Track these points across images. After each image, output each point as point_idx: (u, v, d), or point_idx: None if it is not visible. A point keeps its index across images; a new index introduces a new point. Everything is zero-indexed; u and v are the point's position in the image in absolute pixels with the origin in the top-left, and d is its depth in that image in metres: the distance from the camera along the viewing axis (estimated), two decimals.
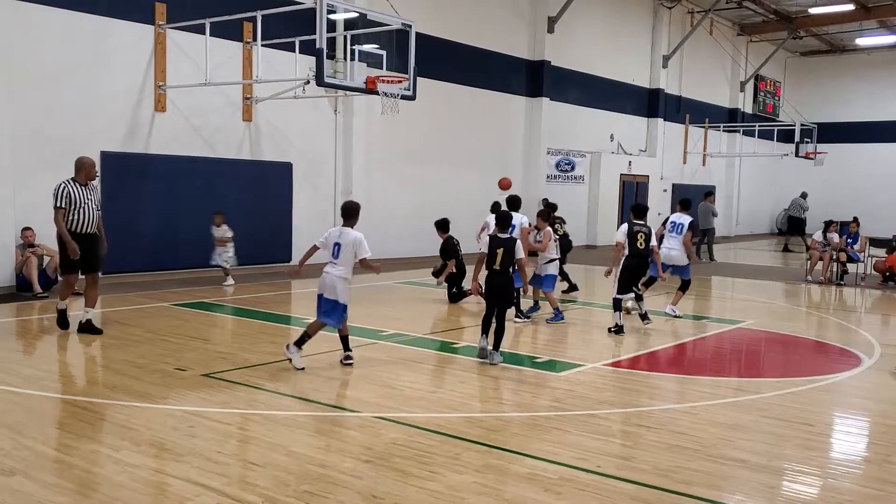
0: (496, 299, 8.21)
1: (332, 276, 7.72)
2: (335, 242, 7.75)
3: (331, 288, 7.75)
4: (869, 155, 35.89)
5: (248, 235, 15.45)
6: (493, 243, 8.26)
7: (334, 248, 7.75)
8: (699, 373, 8.38)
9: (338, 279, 7.72)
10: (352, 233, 7.70)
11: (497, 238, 8.30)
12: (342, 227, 7.79)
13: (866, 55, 35.84)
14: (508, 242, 8.22)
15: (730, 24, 32.20)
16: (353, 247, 7.63)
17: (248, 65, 15.21)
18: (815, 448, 5.81)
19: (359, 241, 7.63)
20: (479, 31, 20.82)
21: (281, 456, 5.25)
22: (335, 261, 7.75)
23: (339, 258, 7.71)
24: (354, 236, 7.65)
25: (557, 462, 5.26)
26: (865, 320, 12.78)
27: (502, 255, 8.14)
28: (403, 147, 18.87)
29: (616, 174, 26.39)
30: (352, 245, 7.63)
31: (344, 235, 7.70)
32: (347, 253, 7.65)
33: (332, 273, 7.75)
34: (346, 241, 7.66)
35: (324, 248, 7.84)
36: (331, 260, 7.78)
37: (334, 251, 7.74)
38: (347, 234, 7.69)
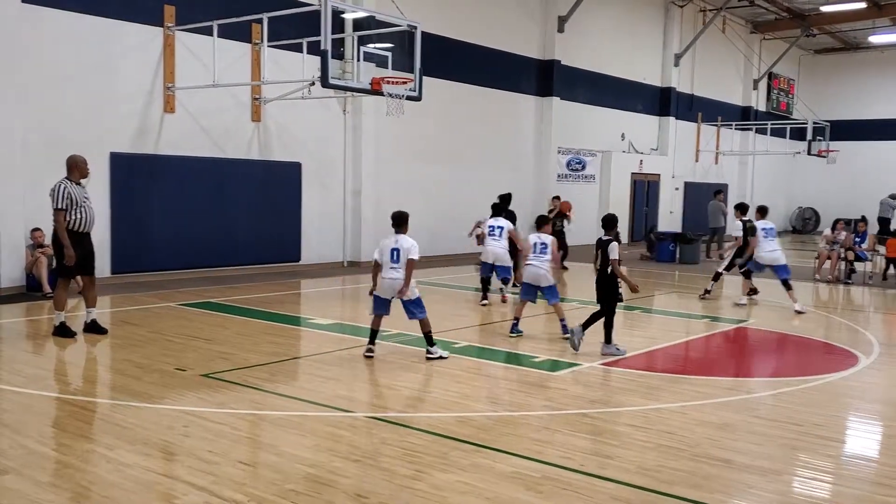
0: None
1: (397, 280, 8.26)
2: (392, 248, 8.32)
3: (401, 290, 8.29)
4: (881, 153, 35.62)
5: (257, 235, 15.65)
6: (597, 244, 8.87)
7: (392, 253, 8.31)
8: (694, 372, 8.42)
9: (403, 280, 8.26)
10: (408, 239, 8.35)
11: (600, 239, 8.83)
12: (395, 235, 8.39)
13: (880, 53, 35.57)
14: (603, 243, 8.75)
15: (742, 22, 32.05)
16: (408, 251, 8.26)
17: (257, 66, 15.36)
18: (801, 448, 5.85)
19: (415, 246, 8.30)
20: (490, 31, 20.89)
21: (271, 455, 5.37)
22: (396, 265, 8.30)
23: (398, 262, 8.29)
24: (411, 243, 8.31)
25: (543, 461, 5.34)
26: (869, 320, 12.75)
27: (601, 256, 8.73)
28: (413, 146, 18.98)
29: (627, 173, 26.38)
30: (409, 250, 8.26)
31: (400, 241, 8.33)
32: (405, 256, 8.26)
33: (397, 277, 8.27)
34: (403, 246, 8.29)
35: (380, 258, 8.38)
36: (391, 265, 8.31)
37: (393, 256, 8.31)
38: (405, 240, 8.33)
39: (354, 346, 9.10)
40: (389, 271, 8.31)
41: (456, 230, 19.83)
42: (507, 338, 9.72)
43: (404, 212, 8.65)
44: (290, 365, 8.31)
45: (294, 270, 16.13)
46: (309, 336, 10.04)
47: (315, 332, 10.10)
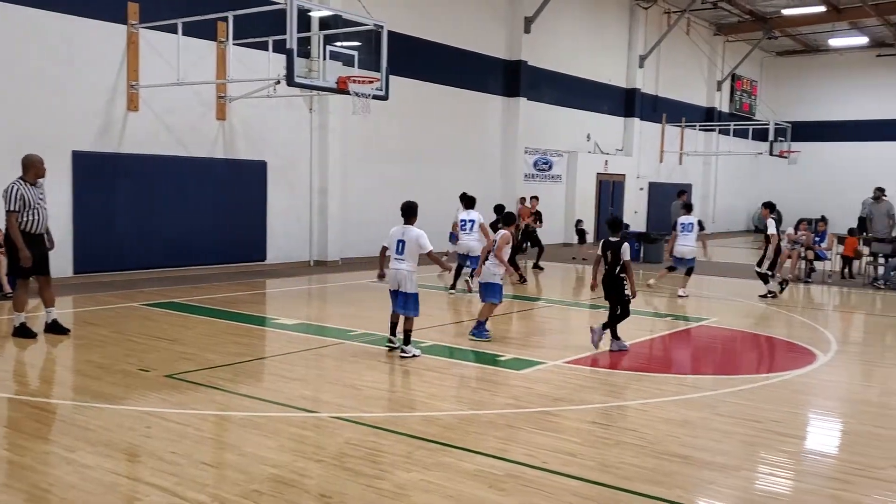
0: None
1: (401, 272, 8.41)
2: (398, 240, 8.48)
3: (402, 282, 8.43)
4: (841, 153, 36.38)
5: (222, 235, 15.54)
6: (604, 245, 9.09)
7: (398, 244, 8.46)
8: (656, 370, 8.54)
9: (406, 272, 8.42)
10: (414, 230, 8.46)
11: (607, 241, 9.08)
12: (403, 226, 8.53)
13: (839, 55, 36.31)
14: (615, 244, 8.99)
15: (706, 24, 32.50)
16: (416, 242, 8.38)
17: (222, 64, 15.25)
18: (759, 444, 5.97)
19: (421, 236, 8.39)
20: (457, 31, 20.95)
21: (234, 456, 5.36)
22: (400, 256, 8.45)
23: (403, 253, 8.44)
24: (417, 233, 8.41)
25: (506, 459, 5.39)
26: (828, 318, 13.01)
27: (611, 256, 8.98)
28: (381, 145, 18.97)
29: (593, 173, 26.63)
30: (415, 240, 8.38)
31: (407, 232, 8.46)
32: (412, 248, 8.39)
33: (401, 268, 8.43)
34: (409, 237, 8.41)
35: (390, 247, 8.55)
36: (396, 256, 8.48)
37: (398, 247, 8.46)
38: (410, 231, 8.45)
39: (320, 347, 9.09)
40: (395, 262, 8.49)
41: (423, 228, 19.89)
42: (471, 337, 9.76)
43: (413, 202, 8.69)
44: (254, 365, 8.28)
45: (259, 270, 16.05)
46: (274, 336, 10.00)
47: (280, 332, 10.06)
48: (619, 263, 8.97)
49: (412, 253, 8.43)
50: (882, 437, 6.23)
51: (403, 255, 8.44)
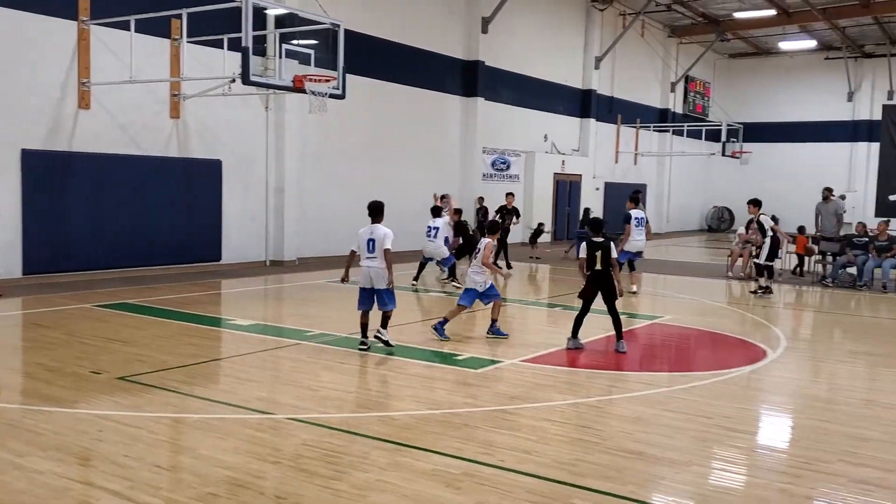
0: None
1: (374, 269, 8.66)
2: (368, 239, 8.73)
3: (376, 279, 8.69)
4: (791, 154, 37.18)
5: (176, 235, 15.34)
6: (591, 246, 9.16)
7: (368, 243, 8.72)
8: (611, 368, 8.66)
9: (379, 269, 8.66)
10: (382, 228, 8.74)
11: (593, 242, 9.16)
12: (371, 225, 8.78)
13: (789, 58, 37.12)
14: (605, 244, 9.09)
15: (660, 27, 32.96)
16: (382, 240, 8.66)
17: (176, 62, 15.04)
18: (709, 440, 6.09)
19: (388, 235, 8.70)
20: (414, 31, 20.95)
21: (188, 458, 5.31)
22: (371, 254, 8.70)
23: (374, 251, 8.69)
24: (384, 231, 8.70)
25: (462, 458, 5.43)
26: (778, 315, 13.30)
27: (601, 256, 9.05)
28: (338, 144, 18.88)
29: (550, 173, 26.83)
30: (381, 238, 8.67)
31: (375, 231, 8.72)
32: (380, 246, 8.66)
33: (375, 265, 8.68)
34: (377, 236, 8.68)
35: (358, 248, 8.84)
36: (368, 255, 8.73)
37: (369, 246, 8.71)
38: (378, 230, 8.72)
39: (276, 347, 9.04)
40: (366, 261, 8.73)
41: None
42: (430, 337, 9.79)
43: (379, 201, 8.94)
44: (209, 367, 8.20)
45: (214, 270, 15.88)
46: (229, 337, 9.90)
47: (235, 333, 9.96)
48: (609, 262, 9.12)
49: (381, 251, 8.65)
50: (829, 432, 6.39)
51: (375, 254, 8.67)
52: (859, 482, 5.23)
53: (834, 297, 15.16)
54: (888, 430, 6.47)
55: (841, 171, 36.33)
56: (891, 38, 33.60)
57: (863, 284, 15.88)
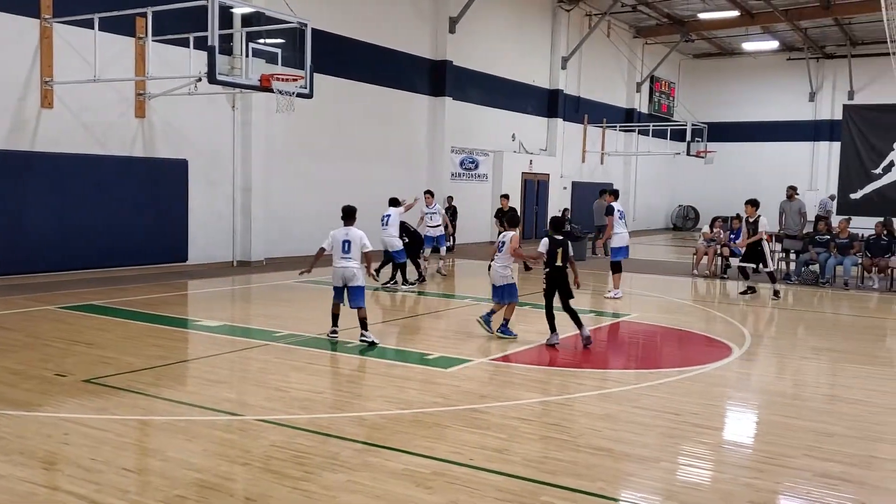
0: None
1: (349, 269, 9.14)
2: (343, 240, 9.17)
3: (351, 278, 9.17)
4: (755, 153, 37.72)
5: (142, 235, 15.15)
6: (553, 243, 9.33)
7: (344, 244, 9.16)
8: (579, 365, 8.72)
9: (355, 269, 9.17)
10: (356, 230, 9.23)
11: (555, 239, 9.36)
12: (346, 228, 9.25)
13: (753, 59, 37.64)
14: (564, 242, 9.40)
15: (626, 27, 33.25)
16: (360, 241, 9.16)
17: (141, 60, 14.86)
18: (677, 436, 6.17)
19: (364, 236, 9.20)
20: (382, 30, 20.91)
21: (156, 461, 5.26)
22: (347, 255, 9.15)
23: (350, 252, 9.15)
24: (360, 233, 9.20)
25: (432, 457, 5.44)
26: (743, 312, 13.49)
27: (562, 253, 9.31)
28: (305, 144, 18.79)
29: (518, 173, 26.93)
30: (359, 240, 9.16)
31: (351, 233, 9.20)
32: (356, 247, 9.15)
33: (350, 265, 9.15)
34: (353, 237, 9.16)
35: (330, 248, 9.25)
36: (342, 255, 9.15)
37: (344, 247, 9.15)
38: (353, 232, 9.21)
39: (244, 348, 8.98)
40: (341, 261, 9.16)
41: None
42: (398, 337, 9.80)
43: (352, 206, 9.42)
44: (176, 368, 8.11)
45: (181, 271, 15.71)
46: (197, 339, 9.81)
47: (203, 334, 9.87)
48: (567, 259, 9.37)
49: (357, 252, 9.16)
50: (793, 427, 6.49)
51: (351, 254, 9.14)
52: (823, 476, 5.33)
53: (798, 294, 15.40)
54: (851, 425, 6.60)
55: (803, 170, 36.95)
56: (851, 39, 34.26)
57: (825, 282, 16.17)
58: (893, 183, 34.33)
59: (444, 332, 10.28)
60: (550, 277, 9.38)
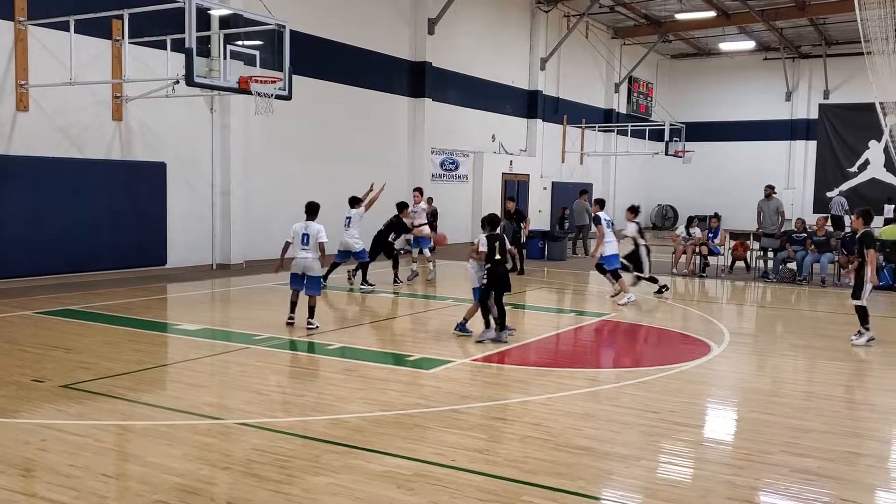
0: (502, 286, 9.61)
1: (307, 260, 10.06)
2: (303, 233, 10.11)
3: (309, 268, 10.08)
4: (732, 152, 38.04)
5: (120, 239, 15.03)
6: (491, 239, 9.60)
7: (303, 237, 10.09)
8: (560, 365, 8.77)
9: (312, 260, 10.09)
10: (315, 225, 10.17)
11: (491, 235, 9.65)
12: (305, 222, 10.19)
13: (729, 59, 37.93)
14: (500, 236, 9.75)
15: (604, 28, 33.40)
16: (317, 234, 10.05)
17: (118, 63, 14.74)
18: (657, 434, 6.22)
19: (321, 231, 10.15)
20: (361, 32, 20.87)
21: (136, 466, 5.23)
22: (306, 247, 10.07)
23: (308, 244, 10.07)
24: (318, 227, 10.15)
25: (414, 458, 5.44)
26: (721, 310, 13.62)
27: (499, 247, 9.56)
28: (285, 146, 18.73)
29: (498, 173, 26.98)
30: (316, 233, 10.07)
31: (309, 227, 10.14)
32: (314, 240, 10.06)
33: (308, 256, 10.07)
34: (311, 231, 10.11)
35: (293, 240, 10.19)
36: (301, 247, 10.08)
37: (303, 240, 10.09)
38: (312, 226, 10.14)
39: (224, 352, 8.94)
40: (300, 252, 10.09)
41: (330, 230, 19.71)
42: (379, 338, 9.80)
43: (316, 202, 10.38)
44: (156, 373, 8.06)
45: (160, 274, 15.59)
46: (176, 342, 9.74)
47: (183, 338, 9.81)
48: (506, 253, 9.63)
49: (314, 244, 10.06)
50: (772, 424, 6.56)
51: (308, 246, 10.05)
52: (800, 472, 5.39)
53: (775, 291, 15.56)
54: (828, 421, 6.68)
55: (780, 168, 37.30)
56: (826, 39, 34.62)
57: (802, 279, 16.34)
58: (869, 181, 34.83)
59: (426, 334, 10.29)
60: (490, 272, 9.47)
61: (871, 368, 9.25)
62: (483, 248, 9.52)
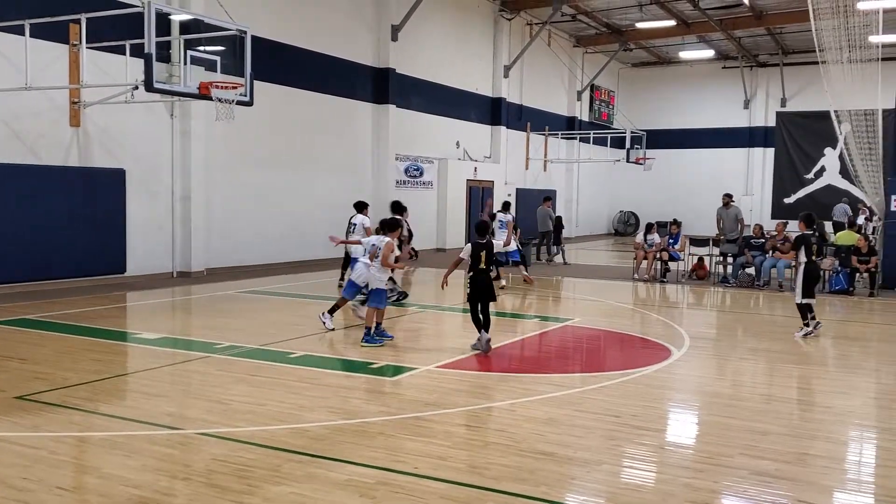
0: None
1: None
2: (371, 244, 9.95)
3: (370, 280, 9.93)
4: (692, 160, 38.61)
5: (78, 246, 14.78)
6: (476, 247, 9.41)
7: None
8: (524, 370, 8.80)
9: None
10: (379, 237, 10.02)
11: (478, 243, 9.44)
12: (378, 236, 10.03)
13: (689, 67, 38.54)
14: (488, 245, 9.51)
15: (566, 36, 33.70)
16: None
17: (75, 68, 14.50)
18: (619, 438, 6.26)
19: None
20: (324, 38, 20.80)
21: (93, 479, 5.13)
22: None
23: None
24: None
25: (376, 466, 5.42)
26: (681, 315, 13.78)
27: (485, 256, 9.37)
28: (247, 152, 18.57)
29: (463, 180, 27.05)
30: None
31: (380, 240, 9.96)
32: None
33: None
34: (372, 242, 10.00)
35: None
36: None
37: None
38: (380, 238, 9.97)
39: (185, 361, 8.83)
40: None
41: (293, 236, 19.65)
42: (342, 346, 9.74)
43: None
44: (114, 383, 7.92)
45: (119, 283, 15.36)
46: (135, 352, 9.60)
47: (142, 347, 9.67)
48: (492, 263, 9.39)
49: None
50: (731, 427, 6.64)
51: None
52: (759, 474, 5.47)
53: (735, 296, 15.78)
54: (786, 424, 6.78)
55: (739, 175, 37.96)
56: (783, 48, 35.31)
57: (761, 284, 16.60)
58: (825, 187, 35.54)
59: (391, 341, 10.24)
60: (473, 280, 9.42)
61: (827, 371, 9.42)
62: (464, 256, 9.45)
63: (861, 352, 10.68)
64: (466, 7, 27.01)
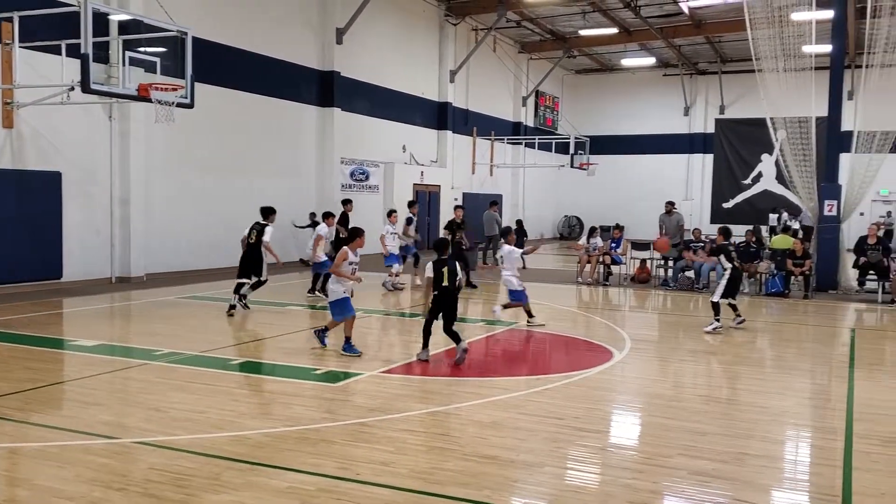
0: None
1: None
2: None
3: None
4: (635, 165, 39.28)
5: (11, 251, 14.34)
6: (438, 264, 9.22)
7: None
8: (468, 374, 8.80)
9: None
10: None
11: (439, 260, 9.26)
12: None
13: (631, 74, 39.21)
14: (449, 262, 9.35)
15: (511, 42, 33.97)
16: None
17: (8, 68, 14.08)
18: (561, 440, 6.31)
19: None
20: (267, 40, 20.58)
21: (23, 491, 4.97)
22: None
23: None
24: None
25: (318, 473, 5.36)
26: (623, 317, 13.97)
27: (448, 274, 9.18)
28: (188, 155, 18.26)
29: (410, 184, 27.01)
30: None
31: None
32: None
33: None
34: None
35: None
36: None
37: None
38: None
39: (123, 368, 8.63)
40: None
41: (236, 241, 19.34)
42: (286, 352, 9.63)
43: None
44: (48, 392, 7.69)
45: (55, 288, 14.94)
46: (71, 359, 9.34)
47: (79, 354, 9.41)
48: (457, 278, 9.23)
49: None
50: (671, 428, 6.75)
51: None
52: (697, 474, 5.56)
53: (675, 299, 16.06)
54: (723, 424, 6.92)
55: (679, 180, 38.74)
56: (721, 56, 36.16)
57: (700, 287, 16.93)
58: (762, 193, 36.46)
59: (335, 347, 10.17)
60: (436, 300, 9.24)
61: (763, 372, 9.64)
62: (429, 275, 9.29)
63: (796, 353, 10.97)
64: (412, 11, 27.02)
